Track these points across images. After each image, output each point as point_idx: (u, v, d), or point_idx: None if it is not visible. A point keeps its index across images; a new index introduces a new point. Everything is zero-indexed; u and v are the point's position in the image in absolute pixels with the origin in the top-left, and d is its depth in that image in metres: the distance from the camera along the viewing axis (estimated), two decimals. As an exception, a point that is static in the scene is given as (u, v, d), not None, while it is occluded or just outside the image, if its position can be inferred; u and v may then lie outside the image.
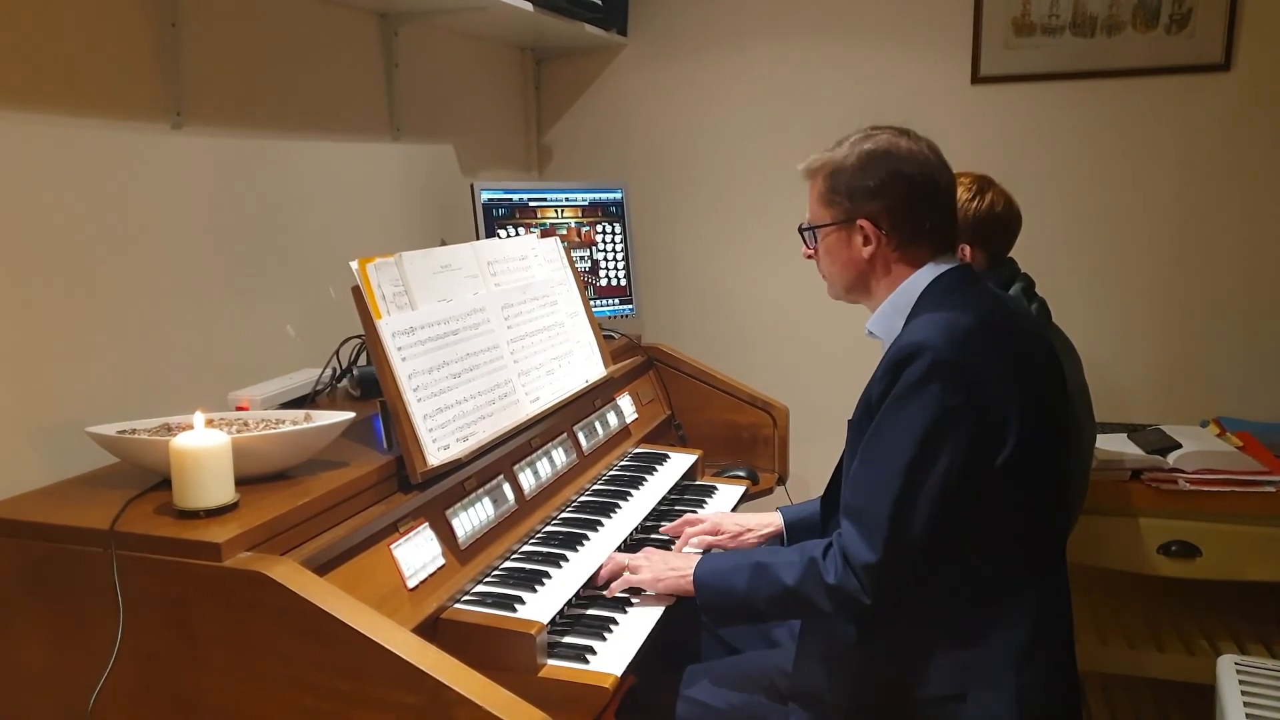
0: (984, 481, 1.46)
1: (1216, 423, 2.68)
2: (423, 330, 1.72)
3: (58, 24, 1.66)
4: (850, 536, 1.50)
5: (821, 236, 1.67)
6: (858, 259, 1.63)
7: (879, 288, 1.65)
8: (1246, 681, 1.99)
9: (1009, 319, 1.57)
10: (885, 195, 1.58)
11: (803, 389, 3.13)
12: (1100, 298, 2.95)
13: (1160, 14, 2.77)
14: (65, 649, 1.36)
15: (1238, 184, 2.80)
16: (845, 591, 1.49)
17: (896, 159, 1.58)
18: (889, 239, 1.60)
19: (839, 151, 1.64)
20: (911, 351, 1.46)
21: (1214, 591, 2.56)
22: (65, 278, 1.68)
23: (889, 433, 1.48)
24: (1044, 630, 1.52)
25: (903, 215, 1.59)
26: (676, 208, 3.35)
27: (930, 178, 1.60)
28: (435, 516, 1.64)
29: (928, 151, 1.61)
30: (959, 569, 1.50)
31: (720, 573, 1.66)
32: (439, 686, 1.17)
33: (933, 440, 1.44)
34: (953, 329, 1.47)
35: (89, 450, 1.53)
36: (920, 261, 1.61)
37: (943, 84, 2.99)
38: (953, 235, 1.66)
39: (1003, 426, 1.45)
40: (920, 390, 1.45)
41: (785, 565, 1.57)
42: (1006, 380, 1.47)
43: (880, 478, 1.47)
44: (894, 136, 1.61)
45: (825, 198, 1.65)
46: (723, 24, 3.20)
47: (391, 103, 2.59)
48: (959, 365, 1.44)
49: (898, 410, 1.47)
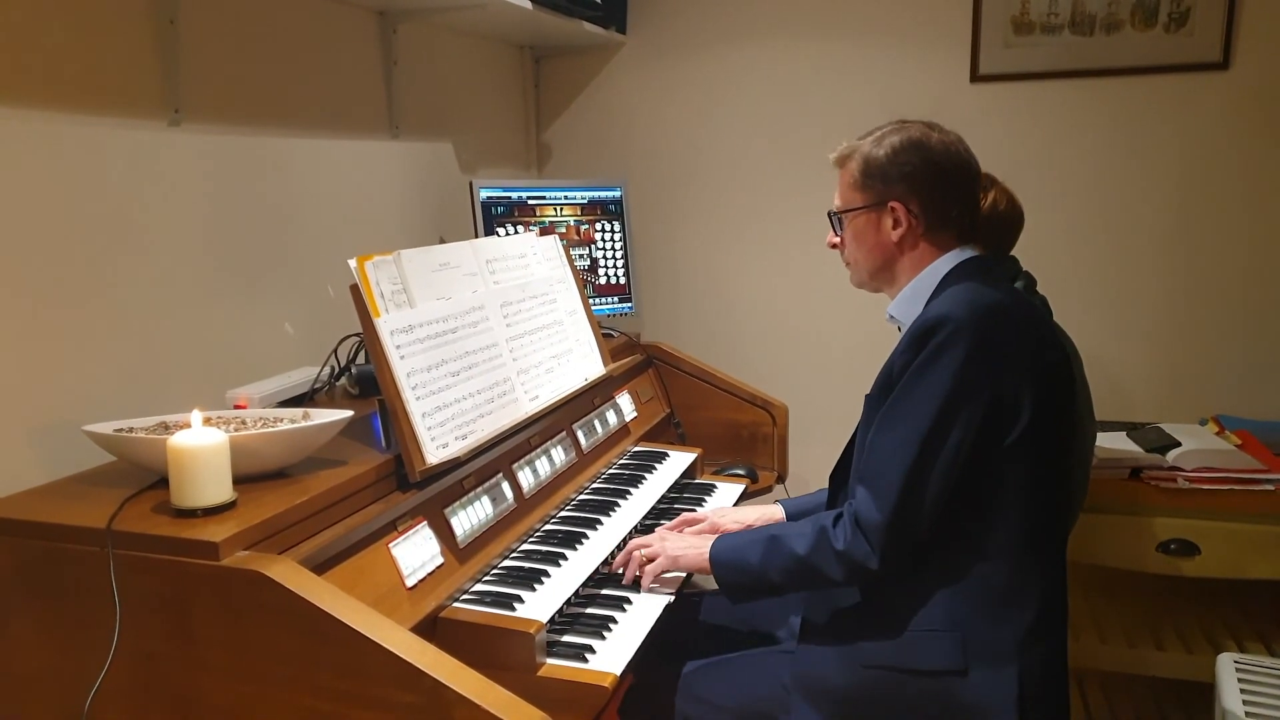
0: (995, 459, 1.50)
1: (1215, 421, 2.68)
2: (421, 328, 1.71)
3: (55, 20, 1.66)
4: (862, 499, 1.54)
5: (850, 220, 1.73)
6: (886, 242, 1.69)
7: (903, 272, 1.71)
8: (1245, 679, 1.99)
9: (1029, 306, 1.62)
10: (917, 180, 1.65)
11: (802, 387, 3.13)
12: (1099, 296, 2.95)
13: (1159, 12, 2.76)
14: (62, 648, 1.35)
15: (1236, 182, 2.80)
16: (853, 557, 1.53)
17: (927, 147, 1.65)
18: (919, 222, 1.66)
19: (871, 140, 1.70)
20: (936, 323, 1.51)
21: (1213, 589, 2.56)
22: (62, 275, 1.68)
23: (909, 400, 1.52)
24: (1048, 614, 1.55)
25: (933, 200, 1.65)
26: (676, 205, 3.35)
27: (960, 166, 1.67)
28: (434, 515, 1.64)
29: (956, 143, 1.68)
30: (964, 546, 1.53)
31: (735, 547, 1.69)
32: (438, 686, 1.17)
33: (951, 409, 1.48)
34: (976, 304, 1.52)
35: (86, 449, 1.52)
36: (946, 247, 1.68)
37: (942, 82, 2.99)
38: (976, 225, 1.72)
39: (1016, 405, 1.50)
40: (942, 357, 1.49)
41: (797, 535, 1.61)
42: (1023, 360, 1.51)
43: (897, 445, 1.51)
44: (925, 128, 1.68)
45: (858, 183, 1.70)
46: (721, 22, 3.20)
47: (390, 100, 2.59)
48: (982, 337, 1.49)
49: (919, 378, 1.51)
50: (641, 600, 1.73)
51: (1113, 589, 2.66)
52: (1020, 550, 1.54)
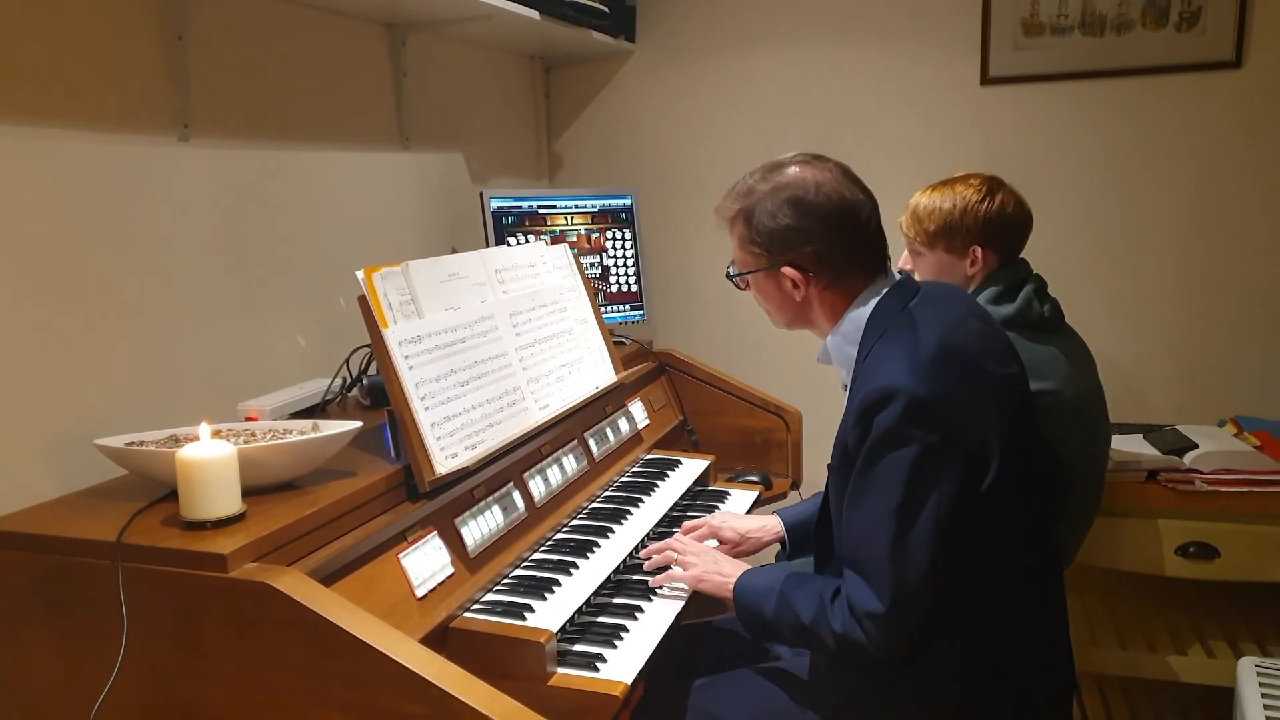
0: (976, 509, 1.42)
1: (1234, 422, 2.65)
2: (429, 339, 1.72)
3: (65, 37, 1.67)
4: (855, 585, 1.46)
5: (751, 280, 1.67)
6: (790, 300, 1.62)
7: (820, 319, 1.64)
8: (1267, 683, 1.97)
9: (962, 332, 1.53)
10: (803, 238, 1.56)
11: (816, 393, 3.11)
12: (1114, 298, 2.93)
13: (1170, 12, 2.75)
14: (72, 660, 1.36)
15: (1251, 182, 2.78)
16: (851, 640, 1.46)
17: (806, 198, 1.55)
18: (816, 280, 1.58)
19: (748, 196, 1.62)
20: (881, 396, 1.42)
21: (1233, 593, 2.53)
22: (73, 290, 1.69)
23: (872, 480, 1.44)
24: (1055, 646, 1.54)
25: (825, 254, 1.56)
26: (686, 213, 3.34)
27: (844, 208, 1.56)
28: (444, 525, 1.64)
29: (838, 177, 1.58)
30: (963, 598, 1.47)
31: (755, 591, 1.64)
32: (445, 696, 1.17)
33: (919, 481, 1.40)
34: (916, 361, 1.43)
35: (98, 462, 1.54)
36: (855, 290, 1.59)
37: (952, 85, 2.98)
38: (881, 254, 1.62)
39: (984, 451, 1.42)
40: (897, 434, 1.40)
41: (804, 600, 1.53)
42: (980, 403, 1.44)
43: (872, 525, 1.43)
44: (800, 169, 1.59)
45: (744, 245, 1.64)
46: (730, 29, 3.20)
47: (401, 112, 2.60)
48: (932, 401, 1.40)
49: (878, 457, 1.43)
50: (653, 609, 1.73)
51: (1132, 593, 2.63)
52: (1020, 591, 1.50)
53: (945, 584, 1.43)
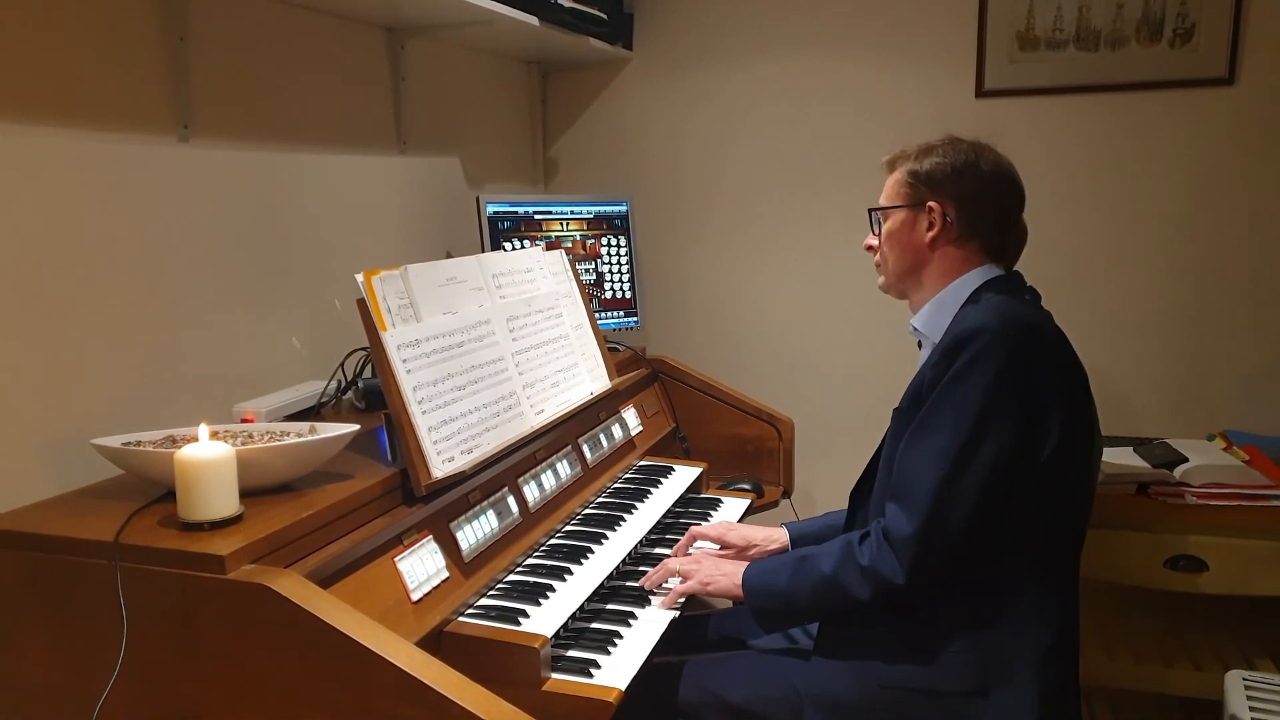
0: (1025, 476, 1.49)
1: (1223, 436, 2.67)
2: (427, 343, 1.72)
3: (65, 37, 1.67)
4: (893, 513, 1.53)
5: (888, 218, 1.76)
6: (918, 243, 1.72)
7: (930, 279, 1.72)
8: (1254, 697, 1.98)
9: (1056, 326, 1.64)
10: (957, 186, 1.69)
11: (808, 402, 3.13)
12: (1105, 311, 2.94)
13: (1164, 27, 2.77)
14: (69, 661, 1.36)
15: (1243, 197, 2.80)
16: (879, 572, 1.52)
17: (981, 159, 1.71)
18: (952, 227, 1.69)
19: (924, 147, 1.76)
20: (970, 334, 1.51)
21: (1222, 606, 2.55)
22: (71, 289, 1.69)
23: (941, 413, 1.51)
24: (1065, 633, 1.55)
25: (968, 208, 1.69)
26: (681, 220, 3.35)
27: (1007, 180, 1.72)
28: (439, 529, 1.64)
29: (1005, 164, 1.74)
30: (989, 565, 1.52)
31: (765, 570, 1.69)
32: (441, 700, 1.17)
33: (985, 421, 1.47)
34: (1009, 318, 1.53)
35: (95, 462, 1.54)
36: (974, 260, 1.70)
37: (947, 98, 2.99)
38: (1012, 247, 1.75)
39: (1047, 423, 1.49)
40: (977, 368, 1.49)
41: (824, 554, 1.61)
42: (1054, 379, 1.52)
43: (929, 457, 1.50)
44: (977, 145, 1.75)
45: (902, 181, 1.75)
46: (727, 38, 3.21)
47: (398, 116, 2.60)
48: (1016, 352, 1.49)
49: (952, 390, 1.51)
50: (647, 615, 1.73)
51: (1120, 605, 2.64)
52: (1043, 570, 1.53)
53: (979, 536, 1.49)
